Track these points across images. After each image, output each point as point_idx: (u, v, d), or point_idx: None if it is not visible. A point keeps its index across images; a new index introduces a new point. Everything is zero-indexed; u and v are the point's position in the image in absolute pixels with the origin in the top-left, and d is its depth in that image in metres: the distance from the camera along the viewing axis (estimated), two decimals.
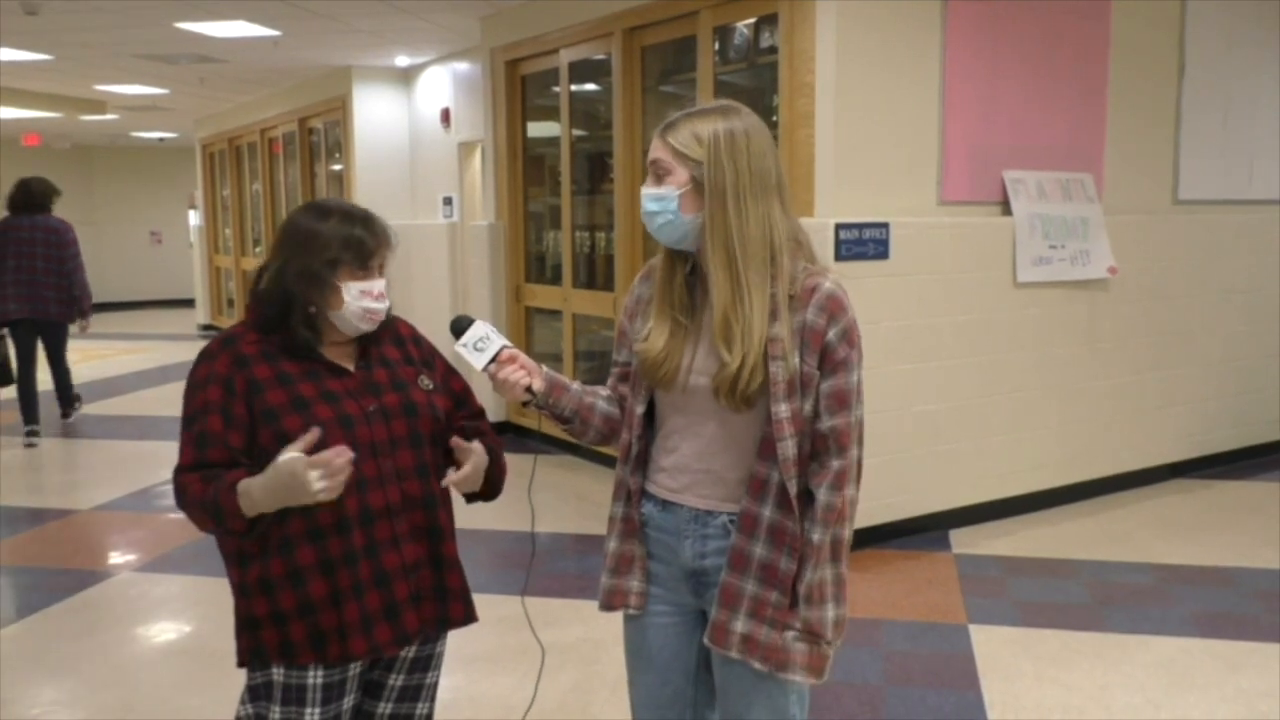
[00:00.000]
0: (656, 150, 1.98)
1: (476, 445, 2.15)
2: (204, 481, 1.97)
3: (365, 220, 2.14)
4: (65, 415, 8.43)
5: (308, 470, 1.87)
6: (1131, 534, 5.28)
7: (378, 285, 2.12)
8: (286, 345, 2.09)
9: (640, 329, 2.06)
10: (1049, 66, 5.43)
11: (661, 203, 1.96)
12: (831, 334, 1.90)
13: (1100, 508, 5.68)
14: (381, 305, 2.13)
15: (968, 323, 5.22)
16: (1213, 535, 5.24)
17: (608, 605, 2.12)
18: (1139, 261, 5.82)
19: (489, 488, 2.25)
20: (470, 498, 2.25)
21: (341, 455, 1.90)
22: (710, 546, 2.01)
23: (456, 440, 2.17)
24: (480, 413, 2.32)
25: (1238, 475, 6.30)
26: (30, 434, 7.73)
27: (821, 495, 1.90)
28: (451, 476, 2.13)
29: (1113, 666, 3.80)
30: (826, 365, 1.91)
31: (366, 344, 2.18)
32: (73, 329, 7.98)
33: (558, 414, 2.12)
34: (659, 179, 1.97)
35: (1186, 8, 5.96)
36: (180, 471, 2.02)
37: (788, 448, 1.89)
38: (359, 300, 2.09)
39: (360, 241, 2.10)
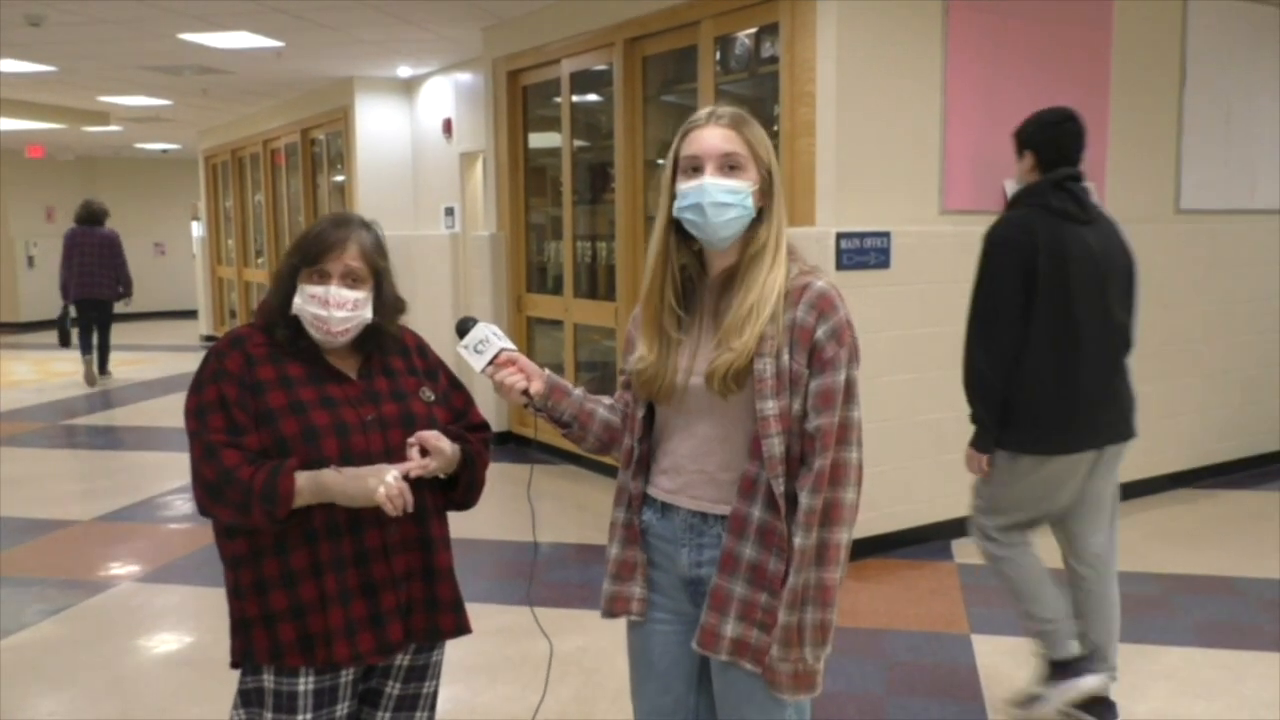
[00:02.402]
0: (731, 142, 1.93)
1: (445, 440, 2.12)
2: (250, 464, 1.97)
3: (336, 223, 2.11)
4: (103, 372, 11.26)
5: (389, 472, 1.97)
6: (1135, 544, 5.26)
7: (330, 293, 2.06)
8: (294, 347, 2.10)
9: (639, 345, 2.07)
10: (1051, 75, 5.44)
11: (738, 196, 1.92)
12: (820, 332, 1.89)
13: None
14: (327, 314, 2.06)
15: None
16: (1216, 545, 5.22)
17: (609, 612, 2.11)
18: (1140, 271, 5.79)
19: (460, 494, 2.21)
20: (441, 502, 2.22)
21: (408, 500, 2.00)
22: (706, 555, 2.00)
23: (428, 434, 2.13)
24: (482, 426, 2.30)
25: (1241, 485, 6.28)
26: (101, 374, 11.19)
27: (803, 498, 1.88)
28: (411, 457, 2.08)
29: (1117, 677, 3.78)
30: (815, 364, 1.89)
31: (370, 351, 2.17)
32: (118, 305, 11.20)
33: (556, 418, 2.12)
34: (731, 171, 1.93)
35: (1188, 17, 5.97)
36: (216, 443, 1.98)
37: (774, 446, 1.88)
38: (306, 305, 2.07)
39: (313, 242, 2.08)
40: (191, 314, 15.85)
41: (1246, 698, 3.62)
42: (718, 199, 1.90)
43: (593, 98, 7.09)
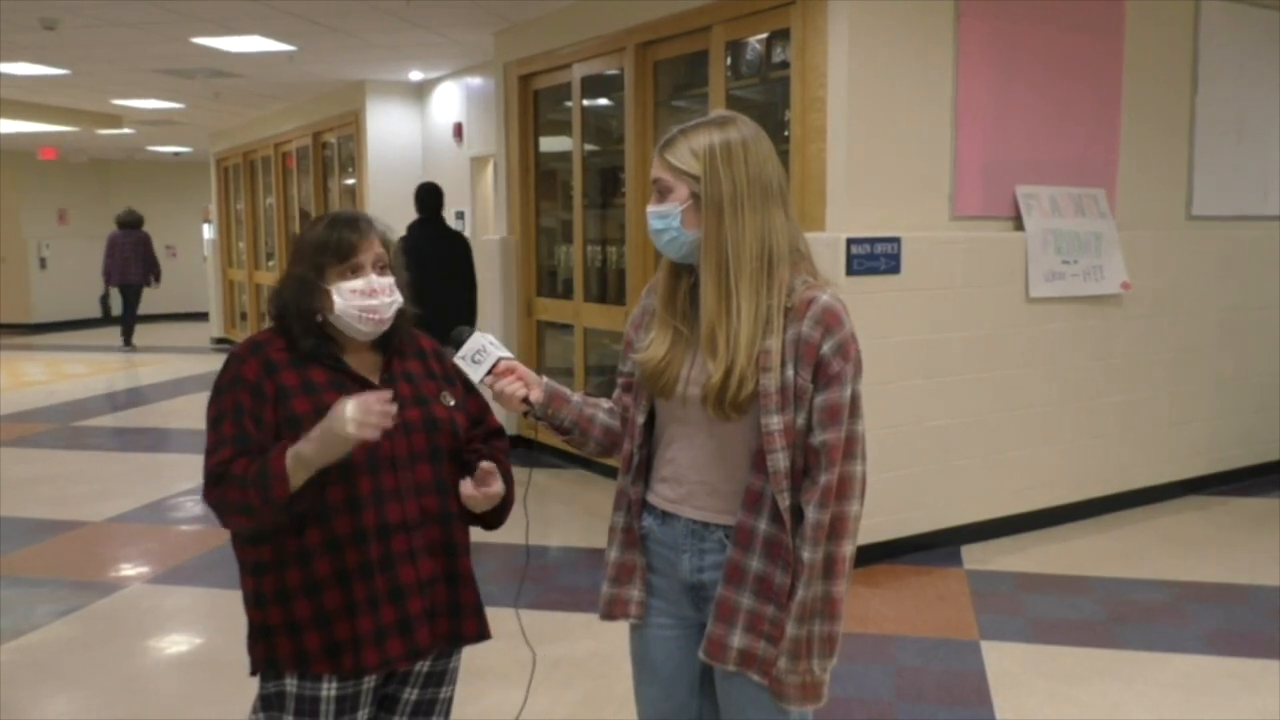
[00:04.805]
0: (657, 169, 1.99)
1: (499, 481, 2.14)
2: (250, 461, 1.97)
3: (350, 221, 2.13)
4: (128, 344, 14.21)
5: (346, 402, 1.90)
6: (1145, 551, 5.25)
7: (372, 283, 2.09)
8: (316, 353, 2.10)
9: (644, 339, 2.06)
10: (1062, 81, 5.43)
11: (665, 220, 1.97)
12: (826, 347, 1.88)
13: (1113, 524, 5.65)
14: (377, 302, 2.09)
15: (980, 338, 5.21)
16: (1227, 552, 5.20)
17: (608, 615, 2.11)
18: (1152, 277, 5.80)
19: (493, 517, 2.23)
20: (470, 520, 2.24)
21: (382, 401, 1.92)
22: (708, 561, 2.01)
23: (488, 465, 2.13)
24: (499, 431, 2.30)
25: (1252, 492, 6.25)
26: (129, 347, 14.19)
27: (810, 513, 1.88)
28: (468, 488, 2.10)
29: (1126, 684, 3.77)
30: (820, 379, 1.88)
31: (390, 356, 2.18)
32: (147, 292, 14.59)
33: (557, 425, 2.11)
34: (661, 197, 1.98)
35: (1200, 23, 5.96)
36: (221, 464, 1.99)
37: (778, 460, 1.87)
38: (350, 300, 2.08)
39: (339, 240, 2.09)
40: (202, 316, 15.90)
41: (1257, 706, 3.61)
42: (652, 225, 1.99)
43: (604, 102, 7.10)
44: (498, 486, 2.13)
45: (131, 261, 14.18)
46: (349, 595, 2.03)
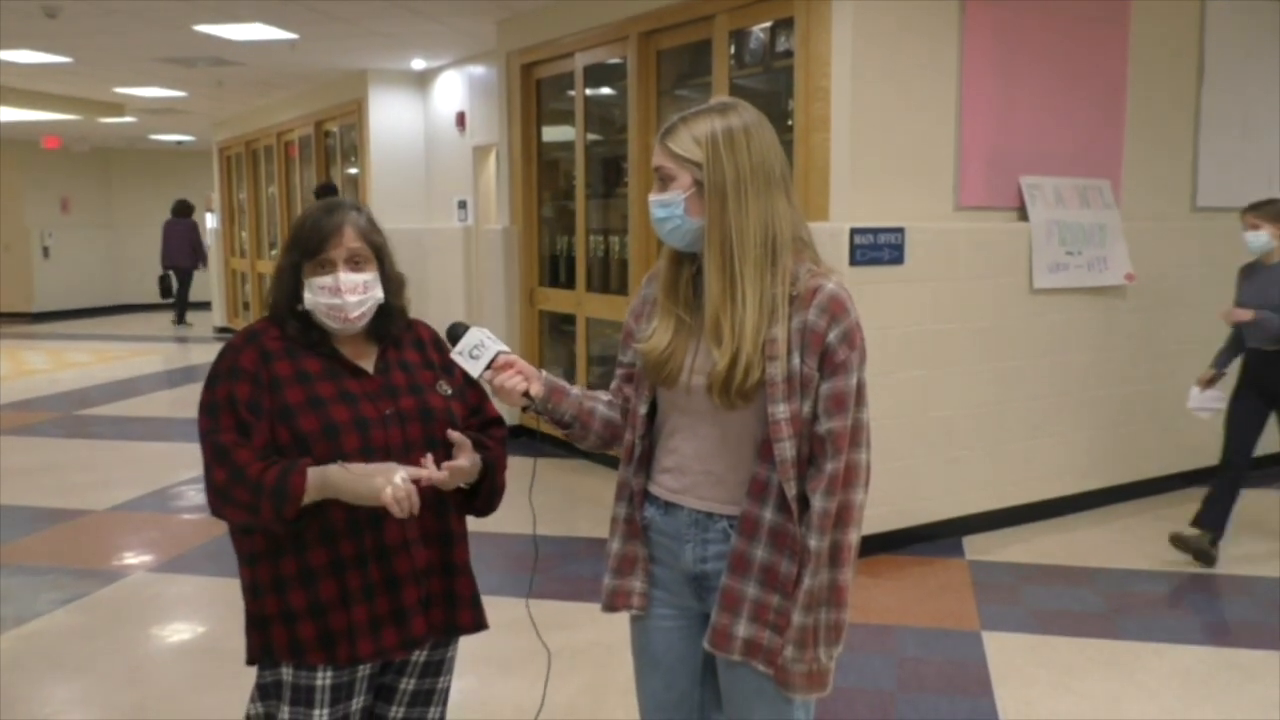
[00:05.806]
0: (658, 157, 1.97)
1: (470, 455, 2.11)
2: (262, 460, 1.96)
3: (328, 210, 2.11)
4: (181, 322, 15.87)
5: (400, 474, 1.93)
6: (1147, 542, 5.25)
7: (340, 280, 2.06)
8: (306, 341, 2.09)
9: (646, 329, 2.05)
10: (1067, 72, 5.41)
11: (668, 208, 1.95)
12: (832, 336, 1.88)
13: (1115, 515, 5.65)
14: (340, 301, 2.06)
15: (983, 329, 5.20)
16: (1229, 544, 5.20)
17: (610, 606, 2.11)
18: (1156, 268, 5.78)
19: (481, 503, 2.21)
20: (462, 509, 2.22)
21: (414, 504, 1.96)
22: (711, 551, 2.00)
23: (454, 434, 2.12)
24: (497, 421, 2.28)
25: (1254, 484, 6.23)
26: (182, 324, 15.81)
27: (816, 501, 1.87)
28: (428, 466, 2.05)
29: (1127, 675, 3.78)
30: (826, 367, 1.88)
31: (386, 345, 2.17)
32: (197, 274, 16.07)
33: (557, 419, 2.10)
34: (664, 185, 1.97)
35: (1206, 14, 5.94)
36: (223, 445, 1.97)
37: (785, 450, 1.87)
38: (318, 297, 2.07)
39: (309, 235, 2.08)
40: (205, 305, 15.91)
41: (1258, 697, 3.61)
42: (655, 214, 1.97)
43: (606, 91, 7.09)
44: (462, 460, 2.09)
45: (176, 247, 15.79)
46: (344, 585, 2.02)
